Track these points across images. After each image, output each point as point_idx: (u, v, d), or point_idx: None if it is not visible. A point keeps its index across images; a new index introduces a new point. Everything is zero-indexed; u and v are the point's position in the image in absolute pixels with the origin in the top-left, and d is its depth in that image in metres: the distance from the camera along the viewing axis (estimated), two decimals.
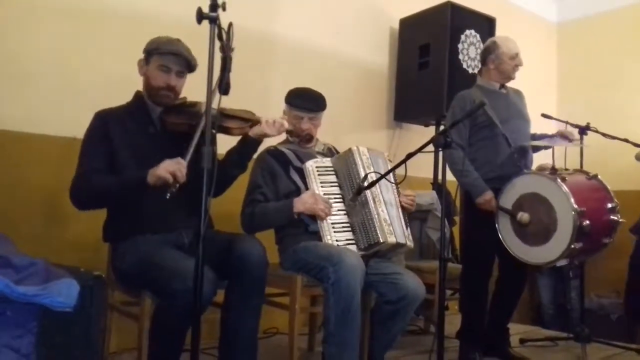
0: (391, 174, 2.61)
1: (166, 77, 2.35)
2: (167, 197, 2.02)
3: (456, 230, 3.82)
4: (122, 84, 2.51)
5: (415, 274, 2.68)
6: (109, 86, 2.84)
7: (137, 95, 2.45)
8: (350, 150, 2.68)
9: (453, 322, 3.25)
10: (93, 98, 2.69)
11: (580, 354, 3.03)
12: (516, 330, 3.62)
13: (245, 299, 2.25)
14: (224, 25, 1.79)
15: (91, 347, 1.76)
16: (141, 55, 2.40)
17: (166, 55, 2.34)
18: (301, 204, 2.57)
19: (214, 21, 1.74)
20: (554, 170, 2.87)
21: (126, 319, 2.42)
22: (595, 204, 2.80)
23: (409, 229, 2.70)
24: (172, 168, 2.05)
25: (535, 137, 3.20)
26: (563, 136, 3.15)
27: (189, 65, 2.40)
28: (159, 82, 2.35)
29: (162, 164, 2.08)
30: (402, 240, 2.56)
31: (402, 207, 2.69)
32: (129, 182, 2.20)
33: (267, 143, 2.67)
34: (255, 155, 2.59)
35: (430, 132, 4.27)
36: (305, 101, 2.76)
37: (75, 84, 2.90)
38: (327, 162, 2.74)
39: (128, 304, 2.49)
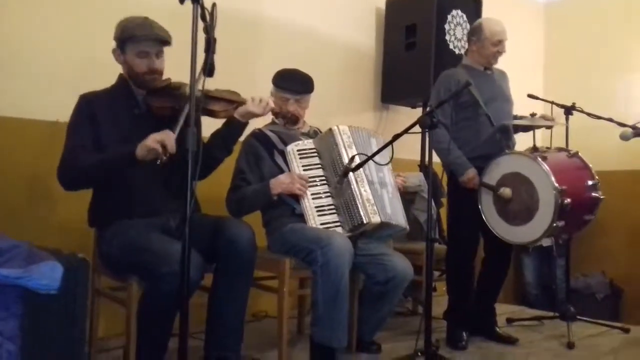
0: (386, 154, 2.60)
1: (147, 61, 2.32)
2: (158, 163, 2.02)
3: (443, 211, 3.83)
4: (104, 66, 2.47)
5: (403, 255, 2.68)
6: (91, 68, 2.80)
7: (121, 77, 2.42)
8: (330, 130, 2.66)
9: (441, 303, 3.27)
10: (75, 81, 2.65)
11: (565, 333, 3.06)
12: (502, 310, 3.66)
13: (233, 283, 2.25)
14: (207, 5, 1.76)
15: (76, 329, 1.76)
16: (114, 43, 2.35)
17: (142, 41, 2.29)
18: (278, 185, 2.55)
19: (197, 1, 1.71)
20: (534, 149, 2.88)
21: (114, 304, 2.41)
22: (576, 181, 2.81)
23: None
24: (160, 137, 2.03)
25: (516, 118, 3.20)
26: (544, 118, 3.15)
27: (164, 42, 2.36)
28: (142, 68, 2.32)
29: (149, 136, 2.06)
30: (389, 220, 2.55)
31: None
32: (117, 157, 2.17)
33: (253, 125, 2.65)
34: (241, 139, 2.56)
35: (417, 113, 4.26)
36: (292, 83, 2.74)
37: (57, 67, 2.85)
38: (309, 144, 2.71)
39: (115, 289, 2.48)
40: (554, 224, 2.67)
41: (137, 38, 2.28)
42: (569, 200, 2.66)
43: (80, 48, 2.91)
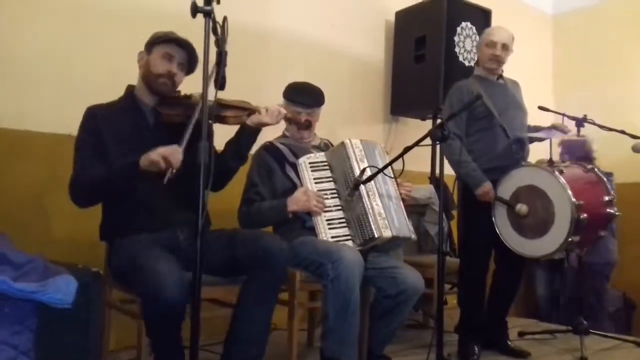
0: (390, 167, 2.60)
1: (168, 64, 2.33)
2: (165, 181, 2.00)
3: (454, 224, 3.82)
4: (116, 80, 2.48)
5: (413, 268, 2.67)
6: (104, 82, 2.81)
7: (128, 89, 2.42)
8: (342, 143, 2.66)
9: (452, 316, 3.25)
10: (88, 94, 2.65)
11: (578, 346, 3.03)
12: (514, 323, 3.63)
13: (264, 294, 2.22)
14: (219, 19, 1.77)
15: (90, 343, 1.76)
16: (138, 49, 2.37)
17: (172, 44, 2.33)
18: (294, 203, 2.55)
19: (209, 15, 1.73)
20: (551, 163, 2.86)
21: (125, 317, 2.41)
22: (592, 196, 2.79)
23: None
24: (165, 152, 2.02)
25: (529, 129, 3.19)
26: (558, 128, 3.14)
27: (190, 62, 2.38)
28: (160, 69, 2.32)
29: (156, 149, 2.05)
30: (399, 234, 2.54)
31: (403, 199, 2.69)
32: (122, 167, 2.16)
33: (264, 137, 2.65)
34: (252, 152, 2.56)
35: (427, 125, 4.25)
36: (304, 96, 2.74)
37: (70, 81, 2.88)
38: (320, 157, 2.72)
39: (126, 301, 2.47)
40: (569, 239, 2.65)
41: (169, 39, 2.32)
42: (585, 215, 2.64)
43: (93, 61, 2.93)
